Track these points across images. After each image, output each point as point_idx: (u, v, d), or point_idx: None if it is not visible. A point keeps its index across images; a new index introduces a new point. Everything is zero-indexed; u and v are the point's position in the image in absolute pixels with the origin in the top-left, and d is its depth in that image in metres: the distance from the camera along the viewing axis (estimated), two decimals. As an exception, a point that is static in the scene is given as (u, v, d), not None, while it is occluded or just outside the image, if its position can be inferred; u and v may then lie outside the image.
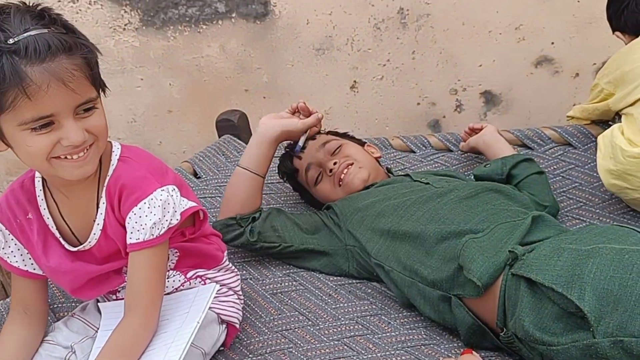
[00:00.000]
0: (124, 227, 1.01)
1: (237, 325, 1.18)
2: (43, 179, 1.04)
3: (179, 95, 2.50)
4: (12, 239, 1.07)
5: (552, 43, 2.23)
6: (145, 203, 0.98)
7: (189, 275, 1.14)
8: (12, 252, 1.07)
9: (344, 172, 1.46)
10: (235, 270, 1.24)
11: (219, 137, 1.94)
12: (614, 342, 0.88)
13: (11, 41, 0.84)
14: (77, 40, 0.89)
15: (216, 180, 1.72)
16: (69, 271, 1.05)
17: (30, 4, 0.91)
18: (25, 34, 0.84)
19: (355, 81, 2.40)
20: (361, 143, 1.58)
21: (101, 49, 0.99)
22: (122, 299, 1.12)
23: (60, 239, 1.05)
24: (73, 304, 1.27)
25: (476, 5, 2.20)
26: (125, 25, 2.37)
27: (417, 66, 2.34)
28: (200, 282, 1.15)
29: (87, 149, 0.93)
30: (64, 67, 0.86)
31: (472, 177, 1.54)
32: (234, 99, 2.46)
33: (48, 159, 0.91)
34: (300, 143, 1.49)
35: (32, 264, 1.08)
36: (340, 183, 1.47)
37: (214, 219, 1.57)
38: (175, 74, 2.45)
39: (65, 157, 0.92)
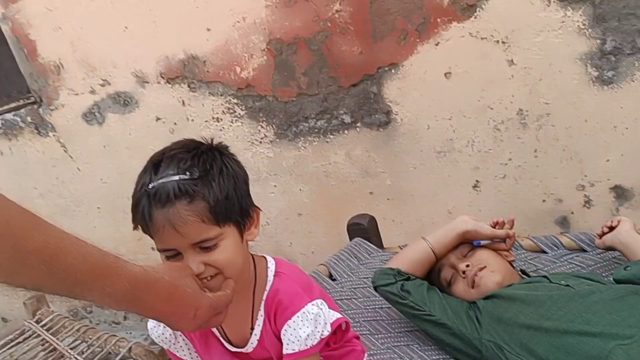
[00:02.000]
0: (279, 339, 1.12)
1: None
2: None
3: (308, 199, 2.69)
4: (180, 335, 1.20)
5: (685, 134, 2.16)
6: (298, 317, 1.09)
7: None
8: (181, 347, 1.20)
9: (477, 274, 1.50)
10: None
11: (350, 239, 2.06)
12: None
13: (150, 186, 0.97)
14: (205, 187, 0.98)
15: (351, 283, 1.81)
16: None
17: (191, 145, 1.03)
18: (160, 181, 0.97)
19: (477, 180, 2.45)
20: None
21: (240, 161, 1.12)
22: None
23: (221, 339, 1.17)
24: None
25: (597, 102, 2.21)
26: (262, 139, 2.64)
27: (540, 164, 2.35)
28: None
29: (209, 278, 1.01)
30: (179, 213, 0.96)
31: (612, 279, 1.51)
32: (359, 202, 2.59)
33: None
34: (481, 242, 1.59)
35: (197, 357, 1.21)
36: (474, 285, 1.50)
37: (351, 322, 1.65)
38: (305, 180, 2.65)
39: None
